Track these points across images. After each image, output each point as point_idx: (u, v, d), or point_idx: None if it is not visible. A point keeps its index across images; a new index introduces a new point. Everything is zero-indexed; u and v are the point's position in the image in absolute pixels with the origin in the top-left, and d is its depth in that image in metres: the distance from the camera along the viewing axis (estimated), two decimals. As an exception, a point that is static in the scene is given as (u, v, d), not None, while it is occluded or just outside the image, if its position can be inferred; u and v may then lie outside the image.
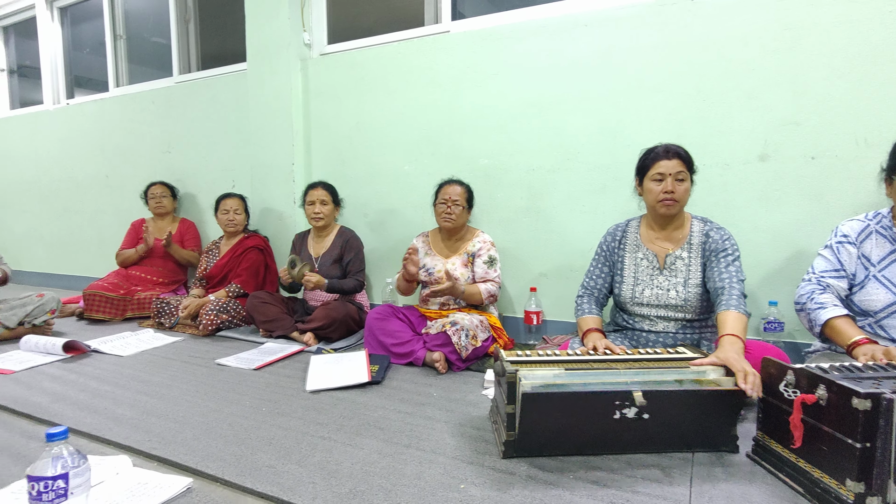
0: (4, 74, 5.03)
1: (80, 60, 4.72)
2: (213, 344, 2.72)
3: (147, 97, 3.97)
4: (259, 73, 3.30)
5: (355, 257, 2.86)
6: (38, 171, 4.69)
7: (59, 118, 4.52)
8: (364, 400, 1.89)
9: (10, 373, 2.26)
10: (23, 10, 4.75)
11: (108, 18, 4.22)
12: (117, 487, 1.30)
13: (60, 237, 4.66)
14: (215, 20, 3.94)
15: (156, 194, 3.61)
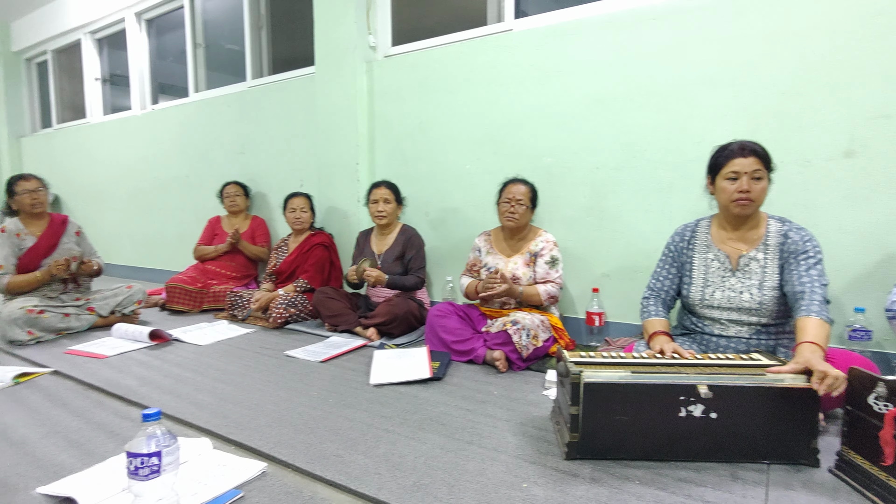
0: (99, 83, 5.47)
1: (164, 68, 5.07)
2: (281, 336, 2.86)
3: (223, 101, 4.21)
4: (326, 75, 3.41)
5: (416, 255, 2.91)
6: (126, 171, 5.08)
7: (145, 122, 4.87)
8: (426, 395, 1.92)
9: (104, 357, 2.46)
10: (115, 24, 5.15)
11: (189, 28, 4.50)
12: (200, 467, 1.40)
13: (145, 233, 5.02)
14: (286, 26, 4.11)
15: (230, 193, 3.82)
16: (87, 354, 2.50)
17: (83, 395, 2.00)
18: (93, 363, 2.37)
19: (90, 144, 5.45)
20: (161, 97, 5.03)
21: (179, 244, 4.62)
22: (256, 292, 3.26)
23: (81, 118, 5.68)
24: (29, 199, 2.86)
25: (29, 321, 2.71)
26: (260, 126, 3.97)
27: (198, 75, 4.55)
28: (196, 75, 4.54)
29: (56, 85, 6.03)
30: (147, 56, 4.98)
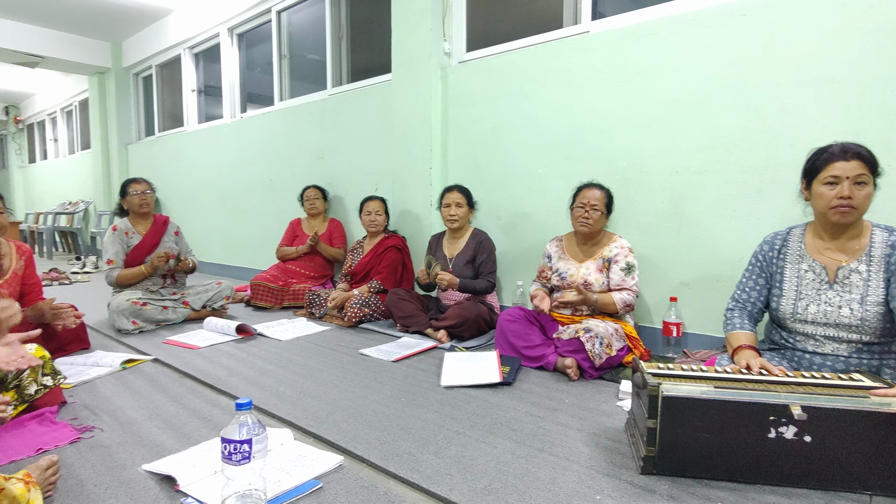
0: (195, 94, 5.92)
1: (252, 79, 5.40)
2: (356, 335, 2.96)
3: (305, 109, 4.43)
4: (402, 82, 3.51)
5: (487, 259, 2.93)
6: (216, 175, 5.47)
7: (235, 130, 5.22)
8: (496, 400, 1.93)
9: (197, 348, 2.66)
10: (210, 39, 5.56)
11: (275, 41, 4.77)
12: (282, 457, 1.49)
13: (232, 233, 5.38)
14: (364, 36, 4.26)
15: (310, 197, 4.01)
16: (183, 345, 2.71)
17: (179, 382, 2.18)
18: (187, 353, 2.57)
19: (186, 151, 5.91)
20: (249, 106, 5.36)
21: (263, 244, 4.90)
22: (333, 292, 3.40)
23: (179, 127, 6.18)
24: (138, 200, 3.15)
25: (133, 312, 2.98)
26: (338, 132, 4.14)
27: (282, 85, 4.81)
28: (281, 85, 4.80)
29: (159, 97, 6.59)
30: (237, 68, 5.33)
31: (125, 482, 1.37)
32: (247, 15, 5.00)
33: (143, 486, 1.34)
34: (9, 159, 11.58)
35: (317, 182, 4.17)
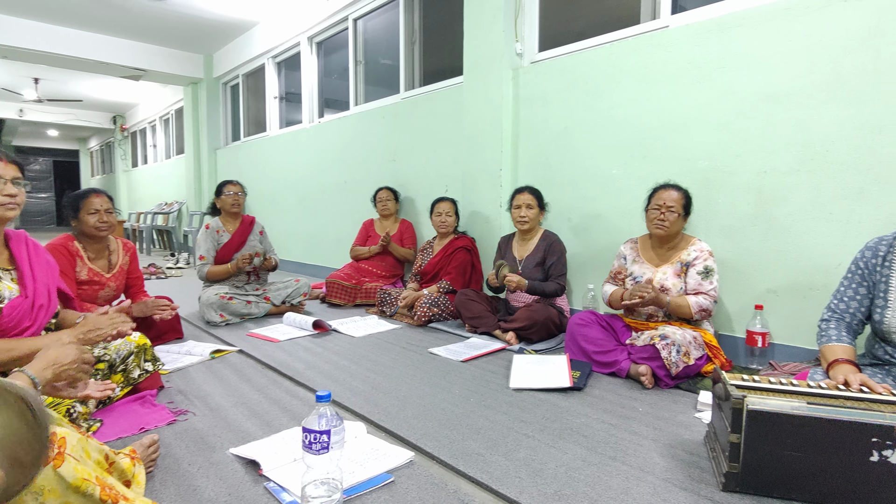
0: (277, 101, 6.26)
1: (329, 85, 5.64)
2: (425, 334, 3.02)
3: (378, 113, 4.56)
4: (474, 84, 3.53)
5: (557, 261, 2.89)
6: (296, 178, 5.75)
7: (313, 134, 5.46)
8: (566, 405, 1.90)
9: (277, 341, 2.82)
10: (291, 48, 5.86)
11: (351, 47, 4.95)
12: (356, 449, 1.55)
13: (309, 233, 5.63)
14: (436, 39, 4.33)
15: (382, 198, 4.12)
16: (264, 338, 2.87)
17: (261, 373, 2.32)
18: (268, 346, 2.73)
19: (268, 154, 6.26)
20: (326, 111, 5.60)
21: (337, 243, 5.10)
22: (403, 291, 3.48)
23: (262, 132, 6.55)
24: (231, 200, 3.38)
25: (221, 305, 3.20)
26: (410, 135, 4.23)
27: (357, 90, 4.98)
28: (356, 90, 4.98)
29: (244, 104, 7.02)
30: (316, 75, 5.58)
31: (215, 463, 1.48)
32: (325, 24, 5.22)
33: (230, 469, 1.44)
34: (115, 164, 12.77)
35: (389, 184, 4.28)
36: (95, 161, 15.42)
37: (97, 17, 5.80)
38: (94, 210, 2.43)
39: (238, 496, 1.30)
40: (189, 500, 1.29)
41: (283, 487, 1.32)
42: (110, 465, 1.21)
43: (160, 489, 1.34)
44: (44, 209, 16.61)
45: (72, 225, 2.49)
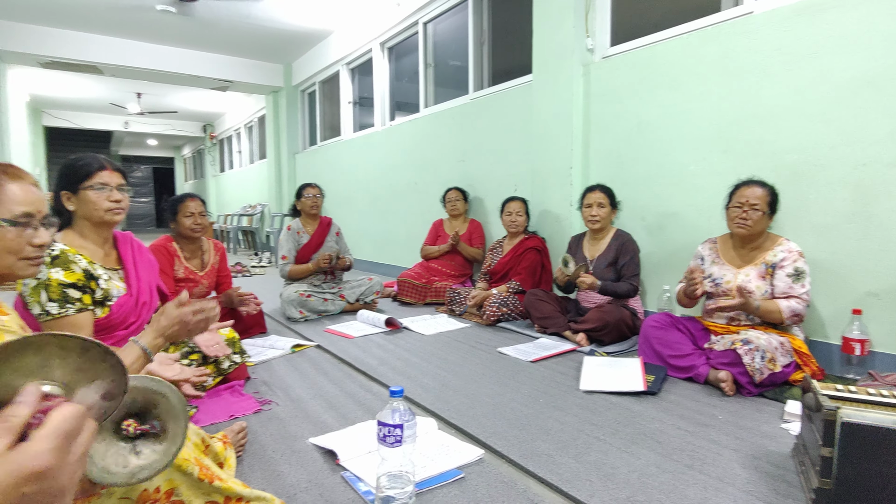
0: (351, 105, 6.49)
1: (400, 88, 5.78)
2: (494, 333, 3.03)
3: (447, 114, 4.62)
4: (543, 82, 3.50)
5: (630, 261, 2.80)
6: (368, 179, 5.94)
7: (384, 137, 5.62)
8: (639, 409, 1.85)
9: (351, 337, 2.94)
10: (364, 55, 6.06)
11: (421, 51, 5.05)
12: (427, 444, 1.59)
13: (380, 233, 5.80)
14: (505, 39, 4.32)
15: (451, 198, 4.18)
16: (340, 334, 3.01)
17: (338, 368, 2.43)
18: (343, 341, 2.85)
19: (342, 158, 6.51)
20: (397, 114, 5.74)
21: (408, 243, 5.22)
22: (473, 290, 3.51)
23: (337, 136, 6.82)
24: (310, 203, 3.57)
25: (300, 302, 3.38)
26: (479, 135, 4.26)
27: (427, 92, 5.07)
28: (426, 92, 5.07)
29: (321, 110, 7.34)
30: (387, 79, 5.74)
31: (296, 451, 1.57)
32: (396, 29, 5.36)
33: (310, 457, 1.53)
34: (205, 169, 13.76)
35: (458, 184, 4.33)
36: (188, 167, 16.69)
37: (190, 34, 6.28)
38: (189, 213, 2.65)
39: (317, 483, 1.38)
40: (274, 484, 1.38)
41: (358, 477, 1.39)
42: (206, 448, 1.33)
43: (248, 473, 1.45)
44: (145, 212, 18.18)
45: (170, 227, 2.73)
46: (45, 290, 1.50)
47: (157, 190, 18.44)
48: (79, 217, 1.67)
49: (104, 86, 8.97)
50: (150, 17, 5.68)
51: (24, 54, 6.14)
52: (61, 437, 0.43)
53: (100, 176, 1.66)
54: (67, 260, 1.56)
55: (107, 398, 0.54)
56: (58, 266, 1.54)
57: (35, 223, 1.08)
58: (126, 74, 7.08)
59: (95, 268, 1.65)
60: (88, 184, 1.65)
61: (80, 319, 1.55)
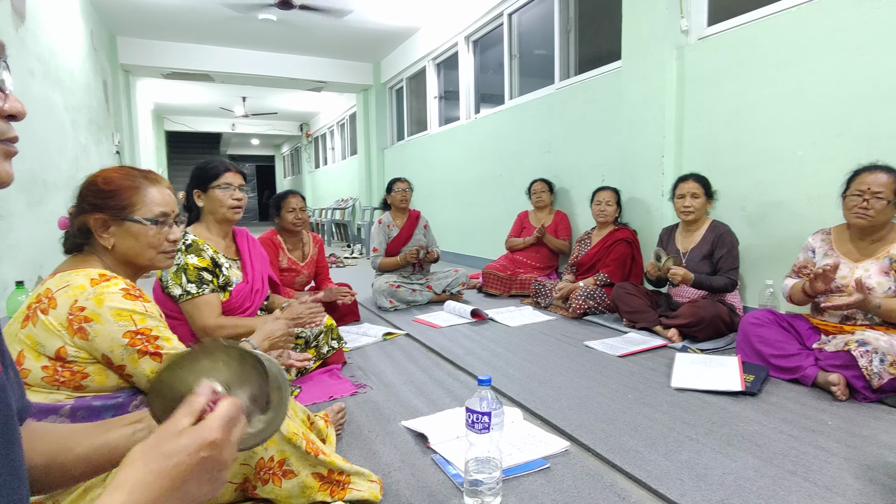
0: (436, 100, 6.62)
1: (485, 80, 5.80)
2: (580, 326, 3.00)
3: (533, 105, 4.58)
4: (633, 68, 3.37)
5: (728, 254, 2.65)
6: (454, 172, 6.04)
7: (469, 130, 5.68)
8: (736, 409, 1.77)
9: (439, 327, 3.03)
10: (449, 49, 6.14)
11: (506, 42, 5.03)
12: (513, 433, 1.63)
13: (465, 224, 5.89)
14: (592, 26, 4.20)
15: (537, 190, 4.15)
16: (428, 323, 3.12)
17: (426, 356, 2.53)
18: (431, 331, 2.96)
19: (429, 151, 6.66)
20: (482, 106, 5.77)
21: (492, 235, 5.25)
22: (559, 282, 3.49)
23: (424, 130, 6.99)
24: (400, 196, 3.72)
25: (390, 293, 3.54)
26: (565, 125, 4.19)
27: (512, 84, 5.06)
28: (511, 84, 5.05)
29: (408, 105, 7.55)
30: (472, 72, 5.78)
31: (390, 433, 1.68)
32: (481, 22, 5.38)
33: (403, 439, 1.63)
34: (302, 166, 14.64)
35: (543, 175, 4.29)
36: (287, 164, 17.83)
37: (287, 39, 6.70)
38: (291, 209, 2.87)
39: (410, 464, 1.48)
40: (370, 462, 1.49)
41: (447, 461, 1.46)
42: (311, 425, 1.46)
43: (347, 450, 1.57)
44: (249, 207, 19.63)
45: (275, 221, 2.97)
46: (184, 273, 1.73)
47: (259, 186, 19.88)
48: (206, 213, 1.91)
49: (214, 92, 9.80)
50: (254, 26, 6.13)
51: (149, 67, 6.88)
52: (226, 421, 0.55)
53: (225, 177, 1.89)
54: (199, 248, 1.79)
55: (252, 401, 0.65)
56: (192, 253, 1.76)
57: (170, 221, 1.25)
58: (233, 80, 7.71)
59: (219, 257, 1.86)
60: (216, 184, 1.88)
61: (212, 298, 1.77)
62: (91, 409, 1.08)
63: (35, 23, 3.51)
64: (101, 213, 1.16)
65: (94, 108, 5.11)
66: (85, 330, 1.04)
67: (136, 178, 1.20)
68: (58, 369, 1.05)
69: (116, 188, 1.17)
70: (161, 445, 0.53)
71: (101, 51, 5.71)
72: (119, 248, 1.18)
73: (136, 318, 1.09)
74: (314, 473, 1.20)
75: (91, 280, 1.08)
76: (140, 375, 1.11)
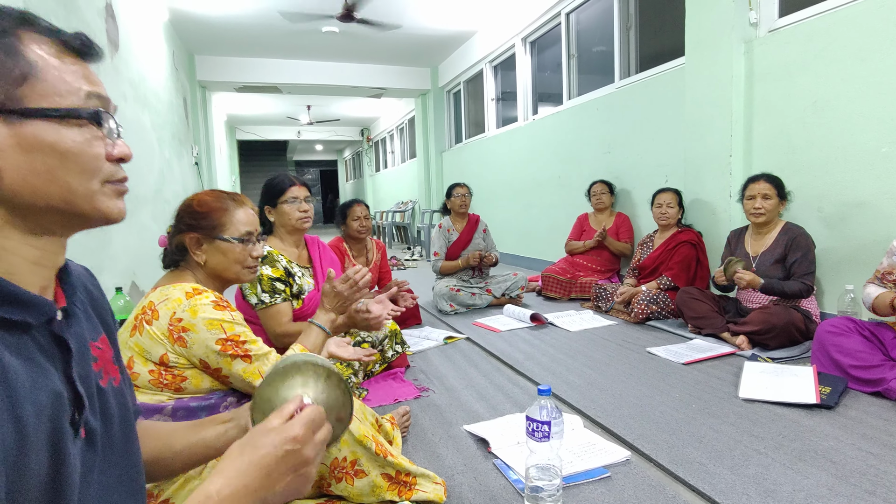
0: (494, 102, 6.65)
1: (542, 80, 5.77)
2: (642, 332, 2.95)
3: (592, 105, 4.52)
4: (697, 64, 3.27)
5: (803, 258, 2.52)
6: (511, 173, 6.04)
7: (527, 131, 5.67)
8: (810, 423, 1.70)
9: (498, 331, 3.07)
10: (506, 51, 6.15)
11: (564, 42, 4.99)
12: (573, 441, 1.65)
13: (524, 226, 5.88)
14: (654, 22, 4.10)
15: (596, 192, 4.10)
16: (487, 327, 3.17)
17: (486, 360, 2.58)
18: (491, 335, 3.00)
19: (486, 153, 6.70)
20: (540, 105, 5.75)
21: (551, 237, 5.22)
22: (620, 286, 3.44)
23: (481, 133, 7.03)
24: (459, 202, 3.79)
25: (450, 296, 3.61)
26: (626, 125, 4.11)
27: (570, 84, 5.01)
28: (569, 84, 5.00)
29: (465, 108, 7.62)
30: (529, 73, 5.77)
31: (453, 437, 1.74)
32: (538, 23, 5.36)
33: (465, 443, 1.69)
34: (363, 169, 15.06)
35: (603, 176, 4.23)
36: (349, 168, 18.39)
37: (349, 49, 6.94)
38: (356, 217, 3.00)
39: (472, 468, 1.53)
40: (434, 464, 1.56)
41: (508, 466, 1.51)
42: (379, 427, 1.55)
43: (412, 452, 1.65)
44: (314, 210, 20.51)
45: (340, 229, 3.11)
46: (259, 284, 1.87)
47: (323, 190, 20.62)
48: (278, 226, 2.06)
49: (281, 102, 10.29)
50: (318, 38, 6.40)
51: (224, 82, 7.33)
52: (308, 422, 0.64)
53: (291, 191, 2.03)
54: (273, 259, 1.93)
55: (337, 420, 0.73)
56: (267, 264, 1.90)
57: (254, 239, 1.37)
58: (299, 91, 8.08)
59: (292, 266, 2.00)
60: (283, 199, 2.02)
61: (284, 307, 1.90)
62: (188, 409, 1.21)
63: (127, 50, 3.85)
64: (195, 233, 1.29)
65: (176, 124, 5.52)
66: (183, 339, 1.17)
67: (225, 200, 1.34)
68: (161, 373, 1.19)
69: (208, 210, 1.31)
70: (253, 440, 0.62)
71: (181, 70, 6.15)
72: (210, 263, 1.32)
73: (226, 326, 1.21)
74: (383, 474, 1.29)
75: (186, 293, 1.21)
76: (235, 377, 1.23)
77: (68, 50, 0.57)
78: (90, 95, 0.57)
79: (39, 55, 0.54)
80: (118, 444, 0.68)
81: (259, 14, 5.62)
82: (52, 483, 0.55)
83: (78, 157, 0.56)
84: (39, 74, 0.54)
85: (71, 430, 0.58)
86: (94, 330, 0.69)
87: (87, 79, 0.58)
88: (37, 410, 0.53)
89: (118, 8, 3.68)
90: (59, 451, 0.56)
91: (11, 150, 0.52)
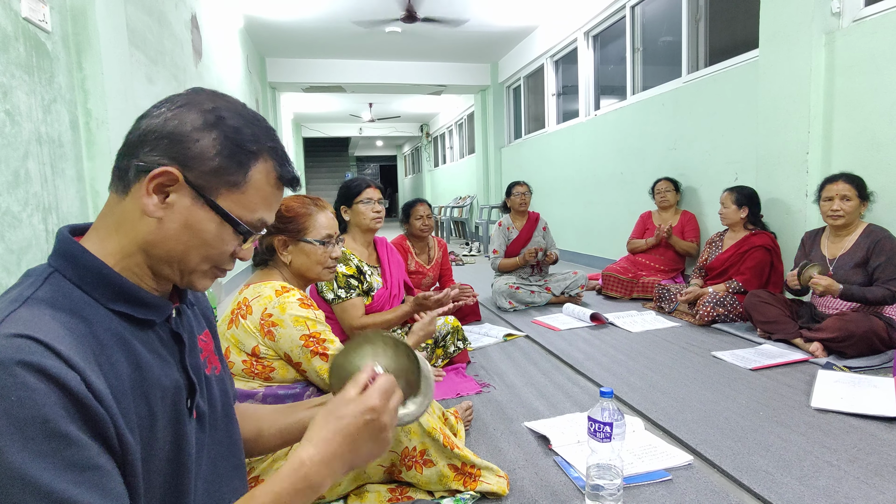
0: (554, 97, 6.59)
1: (605, 75, 5.66)
2: (707, 335, 2.88)
3: (657, 100, 4.41)
4: (772, 57, 3.13)
5: (887, 262, 2.39)
6: (572, 170, 5.98)
7: (589, 127, 5.60)
8: (889, 437, 1.64)
9: (557, 330, 3.09)
10: (568, 46, 6.08)
11: (629, 35, 4.88)
12: (634, 443, 1.67)
13: (584, 224, 5.82)
14: (725, 13, 3.94)
15: (661, 189, 4.01)
16: (547, 326, 3.19)
17: (546, 358, 2.62)
18: (550, 333, 3.03)
19: (546, 149, 6.66)
20: (602, 98, 5.65)
21: (612, 235, 5.15)
22: (685, 287, 3.36)
23: (541, 128, 6.99)
24: (519, 200, 3.82)
25: (509, 294, 3.66)
26: (693, 120, 3.98)
27: (635, 79, 4.89)
28: (633, 78, 4.89)
29: (525, 103, 7.59)
30: (592, 68, 5.68)
31: (514, 432, 1.80)
32: (602, 16, 5.26)
33: (526, 439, 1.75)
34: (422, 164, 15.28)
35: (668, 173, 4.12)
36: (408, 163, 18.70)
37: (411, 48, 7.08)
38: (419, 216, 3.10)
39: (533, 463, 1.59)
40: (496, 458, 1.62)
41: (569, 464, 1.55)
42: (445, 420, 1.64)
43: (475, 445, 1.73)
44: (373, 204, 21.00)
45: (403, 227, 3.23)
46: (335, 280, 2.00)
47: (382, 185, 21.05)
48: (352, 225, 2.19)
49: (345, 100, 10.62)
50: (381, 38, 6.57)
51: (292, 83, 7.68)
52: (383, 391, 0.70)
53: (367, 192, 2.16)
54: (346, 258, 2.06)
55: (406, 383, 0.80)
56: (341, 262, 2.03)
57: (333, 241, 1.48)
58: (362, 90, 8.33)
59: (363, 265, 2.12)
60: (359, 199, 2.15)
61: (357, 301, 2.04)
62: (276, 396, 1.34)
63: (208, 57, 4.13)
64: (282, 235, 1.42)
65: (250, 125, 5.85)
66: (272, 333, 1.30)
67: (309, 205, 1.45)
68: (253, 363, 1.32)
69: (294, 215, 1.43)
70: (336, 410, 0.68)
71: (253, 72, 6.50)
72: (294, 263, 1.44)
73: (310, 324, 1.32)
74: (450, 465, 1.37)
75: (276, 291, 1.34)
76: (311, 371, 1.34)
77: (280, 182, 0.70)
78: (260, 219, 0.70)
79: (258, 179, 0.67)
80: (221, 424, 0.79)
81: (328, 18, 5.85)
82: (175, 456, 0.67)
83: (212, 249, 0.67)
84: (245, 189, 0.67)
85: (187, 413, 0.69)
86: (199, 325, 0.81)
87: (269, 207, 0.71)
88: (162, 394, 0.65)
89: (202, 19, 3.95)
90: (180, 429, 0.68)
91: (178, 217, 0.65)
